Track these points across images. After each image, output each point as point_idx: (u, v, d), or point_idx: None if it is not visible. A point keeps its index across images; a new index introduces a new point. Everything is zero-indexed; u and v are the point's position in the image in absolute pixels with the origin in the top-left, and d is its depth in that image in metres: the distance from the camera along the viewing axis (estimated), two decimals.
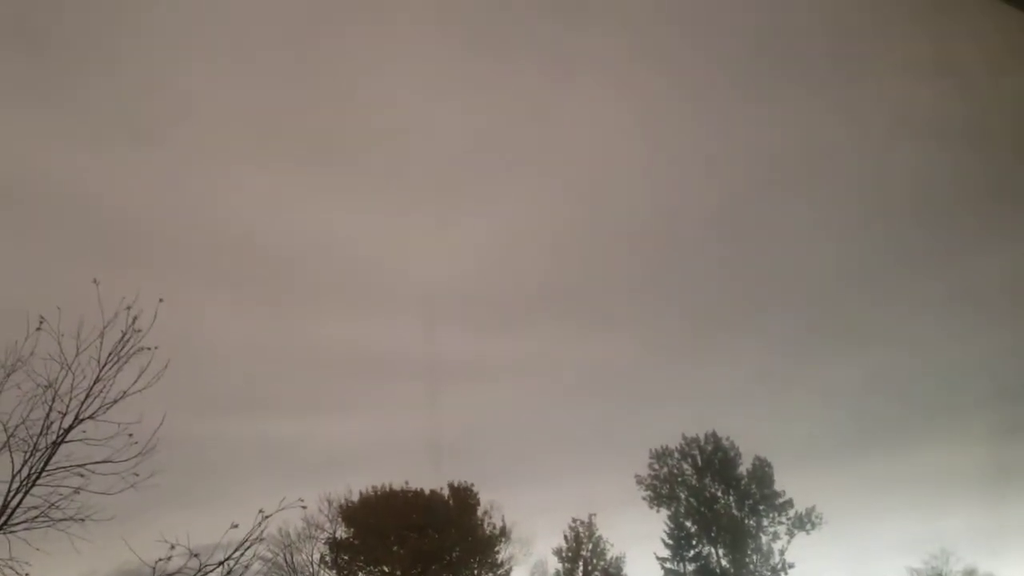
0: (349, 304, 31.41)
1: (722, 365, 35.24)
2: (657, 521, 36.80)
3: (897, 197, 28.34)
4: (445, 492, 34.51)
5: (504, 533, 34.58)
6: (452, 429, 31.31)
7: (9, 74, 21.59)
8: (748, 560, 35.70)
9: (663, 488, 37.21)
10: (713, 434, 37.23)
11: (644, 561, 36.24)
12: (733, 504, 36.63)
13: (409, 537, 32.77)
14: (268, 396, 30.16)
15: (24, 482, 11.54)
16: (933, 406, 33.83)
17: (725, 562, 35.89)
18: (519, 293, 32.03)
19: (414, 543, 32.61)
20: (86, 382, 11.96)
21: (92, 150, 24.15)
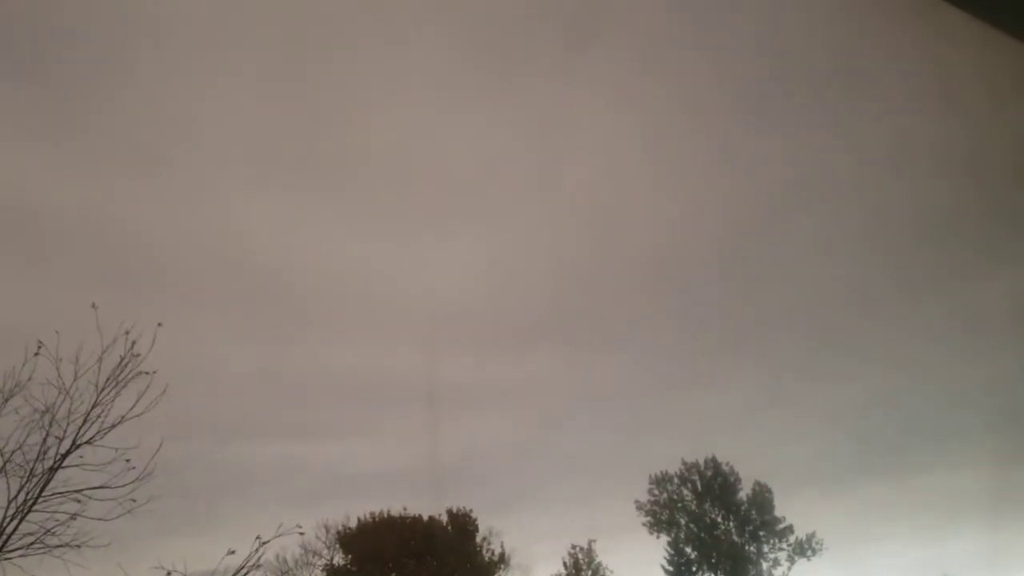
0: (349, 329, 31.42)
1: (722, 390, 35.22)
2: (657, 547, 36.53)
3: (899, 221, 28.49)
4: (444, 518, 34.24)
5: (503, 559, 34.26)
6: (451, 454, 31.19)
7: (10, 100, 21.76)
8: None
9: (663, 514, 36.96)
10: (713, 459, 37.05)
11: None
12: (733, 530, 36.33)
13: (407, 564, 32.45)
14: (266, 422, 30.05)
15: (20, 508, 11.48)
16: (935, 430, 33.79)
17: None
18: (519, 318, 32.06)
19: (412, 570, 32.28)
20: (84, 407, 11.99)
21: (92, 175, 24.29)
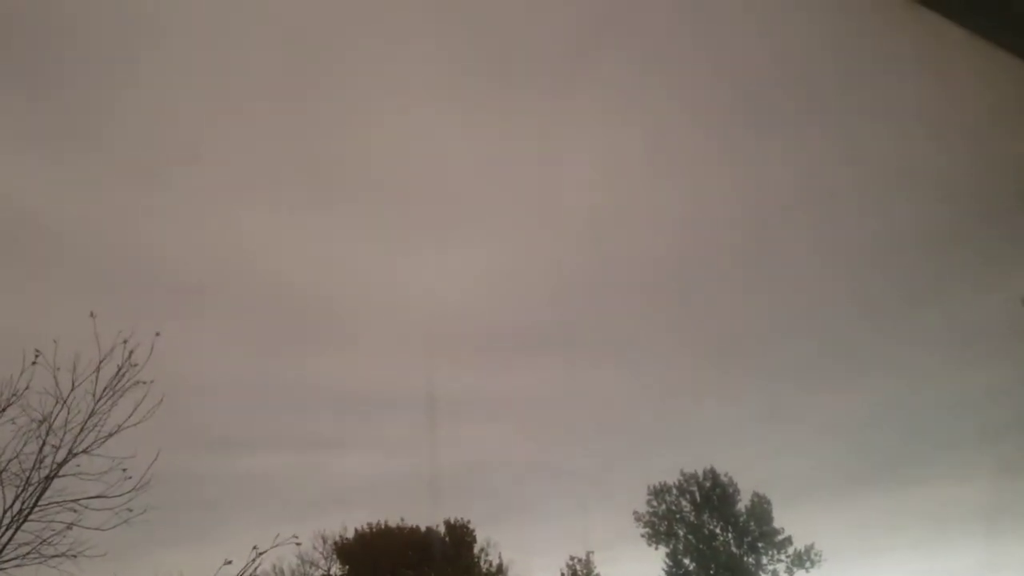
0: (347, 339, 31.37)
1: (722, 400, 35.14)
2: (655, 559, 36.45)
3: (901, 231, 28.53)
4: (441, 529, 34.16)
5: (501, 571, 34.13)
6: (449, 465, 31.09)
7: (9, 112, 21.80)
8: None
9: (661, 525, 36.86)
10: (711, 470, 36.98)
11: None
12: (732, 541, 36.24)
13: (405, 575, 32.36)
14: (263, 431, 29.98)
15: (16, 517, 11.44)
16: (935, 442, 33.68)
17: None
18: (519, 328, 32.01)
19: None
20: (81, 416, 11.96)
21: (90, 183, 24.29)
